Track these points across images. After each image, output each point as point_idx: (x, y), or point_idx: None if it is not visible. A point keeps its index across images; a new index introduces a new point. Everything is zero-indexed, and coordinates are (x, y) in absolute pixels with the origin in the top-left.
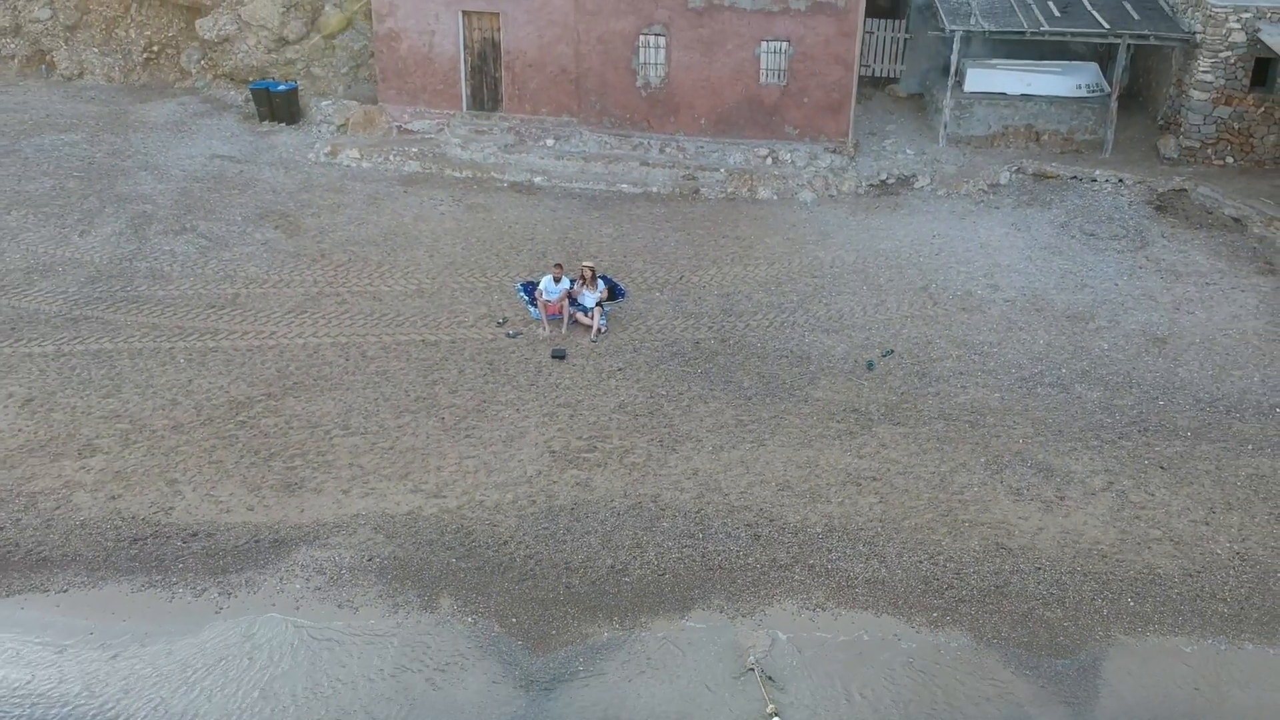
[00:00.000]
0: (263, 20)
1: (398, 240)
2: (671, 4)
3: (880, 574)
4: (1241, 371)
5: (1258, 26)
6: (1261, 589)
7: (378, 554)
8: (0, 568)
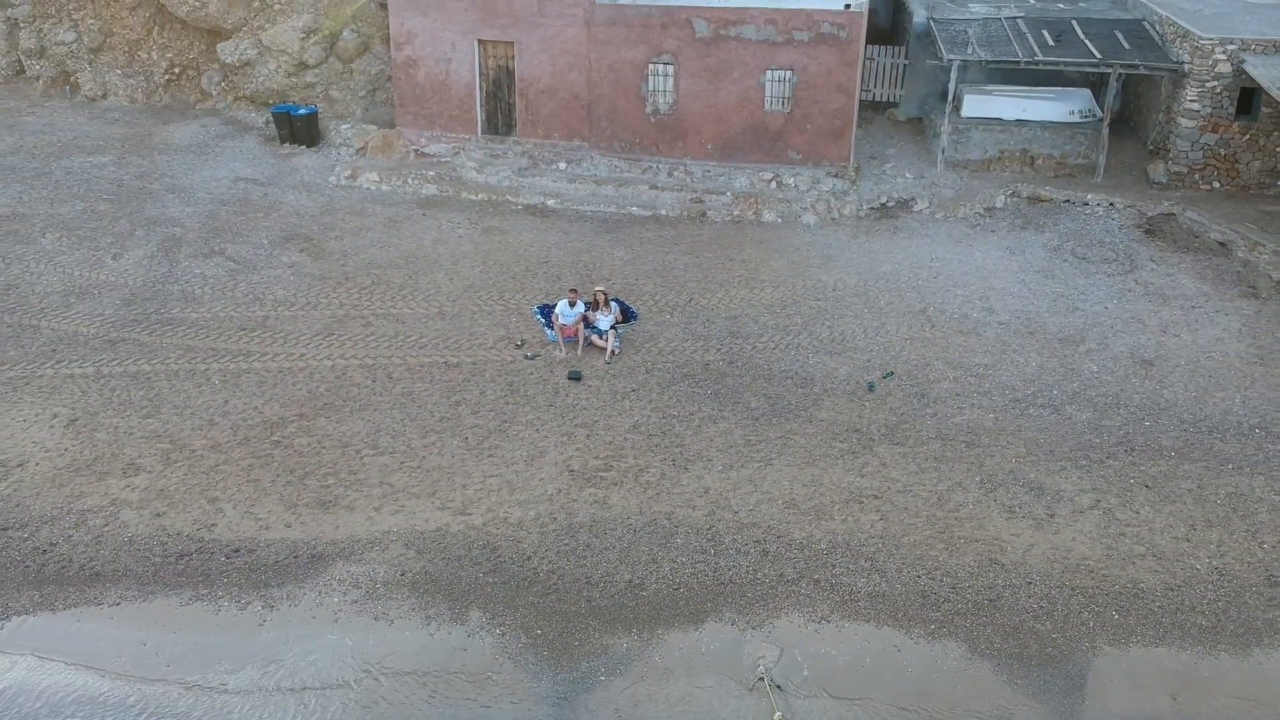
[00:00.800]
0: (283, 45)
1: (418, 263)
2: (680, 34)
3: (881, 588)
4: (1224, 393)
5: (1242, 58)
6: (1237, 603)
7: (410, 569)
8: (56, 582)
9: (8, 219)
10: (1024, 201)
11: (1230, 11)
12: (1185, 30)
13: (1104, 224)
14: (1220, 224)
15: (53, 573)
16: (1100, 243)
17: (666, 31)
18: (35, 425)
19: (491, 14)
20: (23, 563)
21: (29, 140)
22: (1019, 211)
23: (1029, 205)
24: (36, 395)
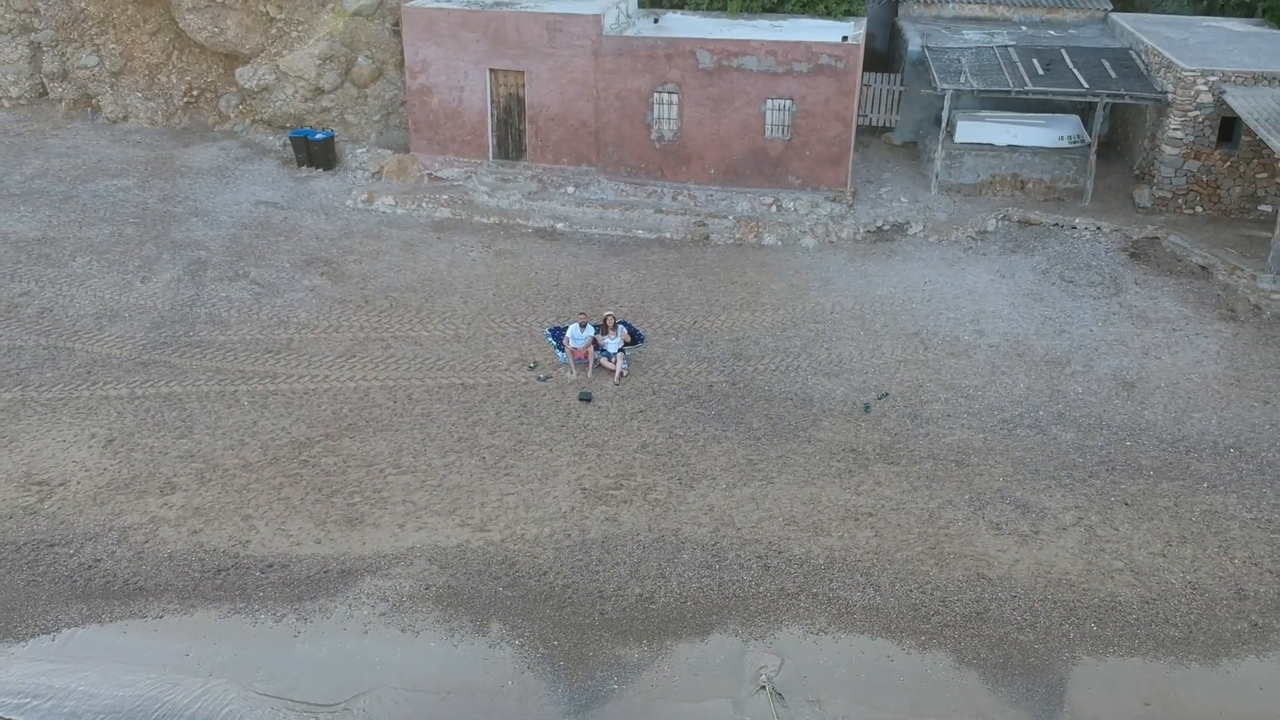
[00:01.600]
0: (300, 71)
1: (434, 287)
2: (683, 65)
3: (875, 601)
4: (1201, 414)
5: (1223, 89)
6: (1208, 615)
7: (433, 583)
8: (102, 596)
9: (39, 243)
10: (1014, 225)
11: (1213, 41)
12: (1169, 61)
13: (1091, 247)
14: (1202, 248)
15: (99, 587)
16: (1087, 266)
17: (671, 62)
18: (75, 445)
19: (503, 45)
20: (70, 578)
21: (55, 163)
22: (1009, 235)
23: (1019, 229)
24: (75, 416)
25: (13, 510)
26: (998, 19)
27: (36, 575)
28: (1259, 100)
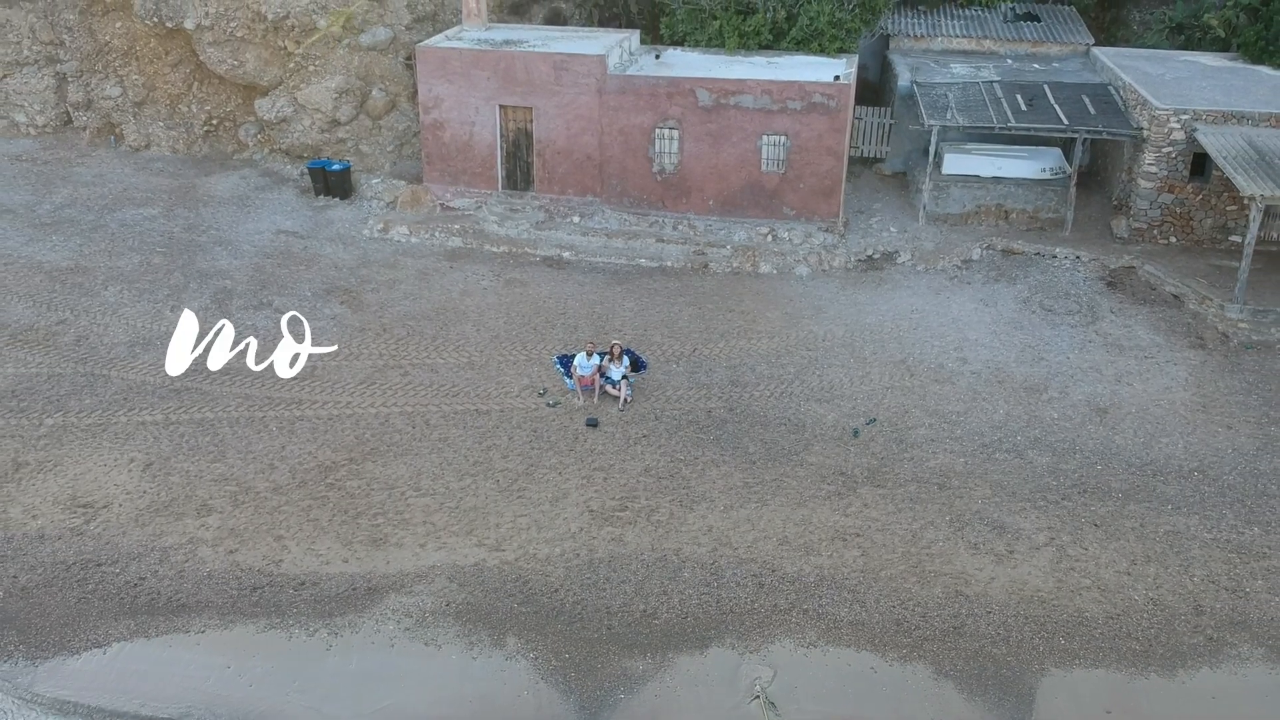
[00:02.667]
0: (317, 104)
1: (448, 315)
2: (684, 102)
3: (861, 617)
4: (1169, 439)
5: (1195, 127)
6: (1168, 629)
7: (453, 600)
8: (147, 613)
9: (72, 272)
10: (998, 254)
11: (1188, 77)
12: (1145, 99)
13: (1070, 276)
14: (1174, 278)
15: (144, 604)
16: (1066, 295)
17: (672, 100)
18: (116, 469)
19: (512, 82)
20: (117, 595)
21: (83, 192)
22: (993, 264)
23: (1003, 258)
24: (114, 441)
25: (61, 531)
26: (985, 52)
27: (87, 593)
28: (1228, 139)
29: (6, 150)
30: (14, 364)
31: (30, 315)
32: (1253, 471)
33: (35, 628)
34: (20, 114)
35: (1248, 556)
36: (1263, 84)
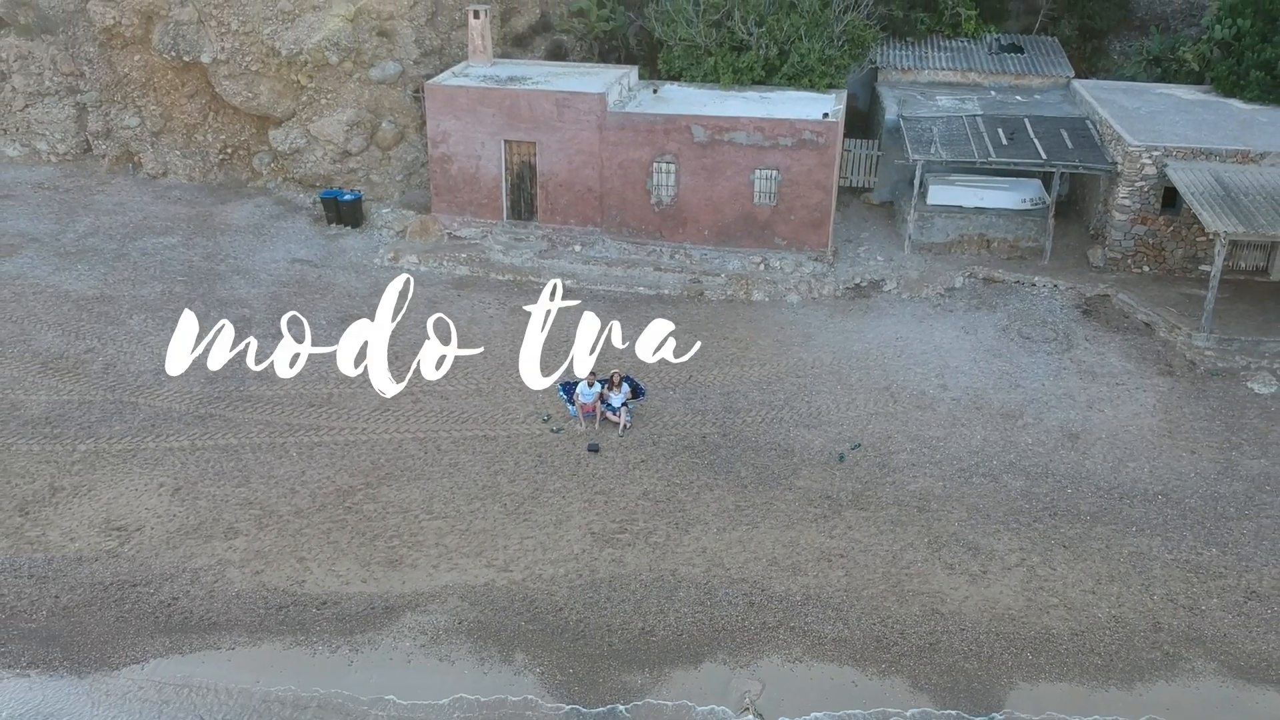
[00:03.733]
0: (329, 136)
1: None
2: (680, 138)
3: (844, 634)
4: (1136, 463)
5: (1166, 163)
6: (1128, 645)
7: (465, 618)
8: (181, 631)
9: (98, 301)
10: (980, 282)
11: (1162, 110)
12: (1119, 135)
13: (1048, 304)
14: (1146, 306)
15: (178, 623)
16: (1043, 322)
17: (669, 136)
18: (146, 493)
19: (516, 118)
20: (152, 614)
21: (104, 220)
22: (975, 292)
23: (984, 286)
24: (143, 466)
25: (97, 554)
26: (969, 84)
27: (124, 612)
28: (1196, 174)
29: (29, 177)
30: (47, 391)
31: (60, 344)
32: (1213, 494)
33: (78, 645)
34: (42, 142)
35: (1205, 576)
36: (1233, 118)
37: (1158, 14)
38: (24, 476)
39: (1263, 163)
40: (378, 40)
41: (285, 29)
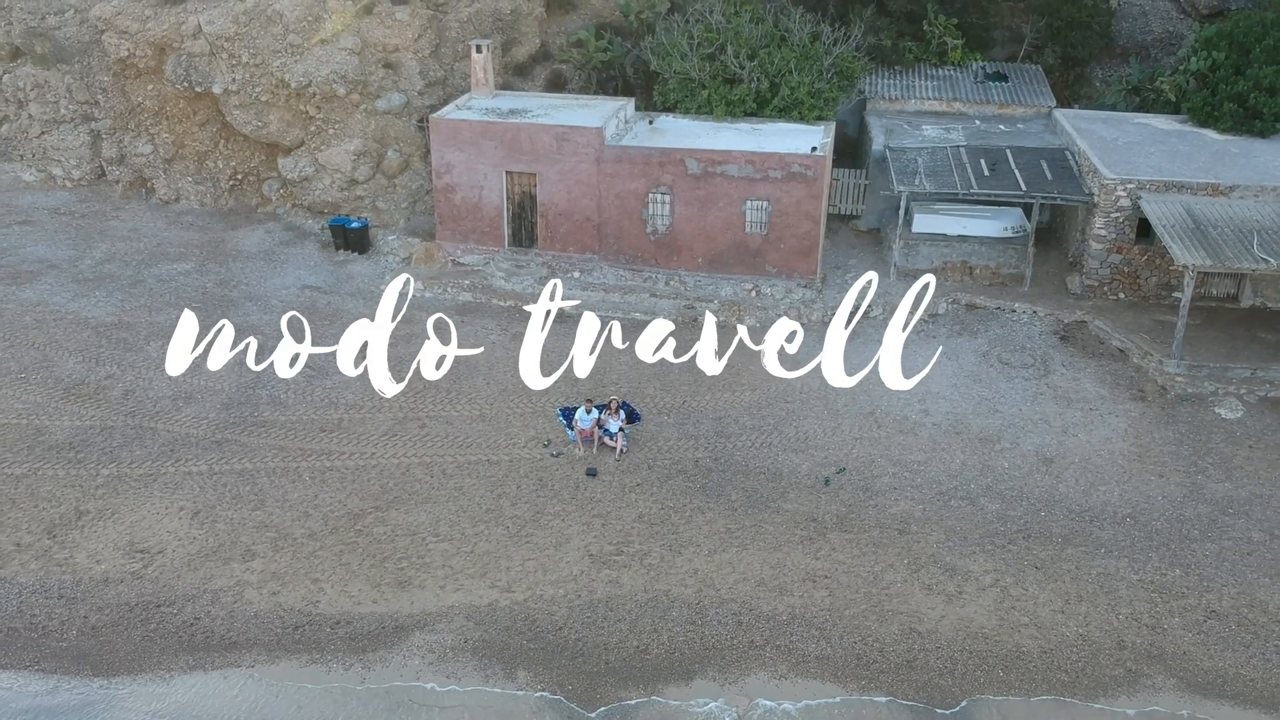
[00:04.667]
0: (337, 165)
1: (460, 369)
2: (675, 171)
3: (826, 651)
4: (1106, 487)
5: (1140, 195)
6: (1093, 662)
7: (471, 637)
8: (204, 649)
9: (116, 327)
10: (962, 308)
11: (1139, 141)
12: (1095, 167)
13: (1027, 330)
14: (1121, 333)
15: (200, 641)
16: (1022, 348)
17: (664, 168)
18: (167, 517)
19: (517, 151)
20: (176, 633)
21: (120, 247)
22: (957, 318)
23: (966, 312)
24: (163, 490)
25: (123, 575)
26: (955, 114)
27: (149, 631)
28: (1168, 206)
29: (45, 202)
30: (69, 417)
31: (81, 370)
32: (1179, 517)
33: (107, 663)
34: (58, 168)
35: (1168, 596)
36: (1206, 149)
37: (1139, 42)
38: (51, 500)
39: (1231, 195)
40: (383, 72)
41: (294, 62)
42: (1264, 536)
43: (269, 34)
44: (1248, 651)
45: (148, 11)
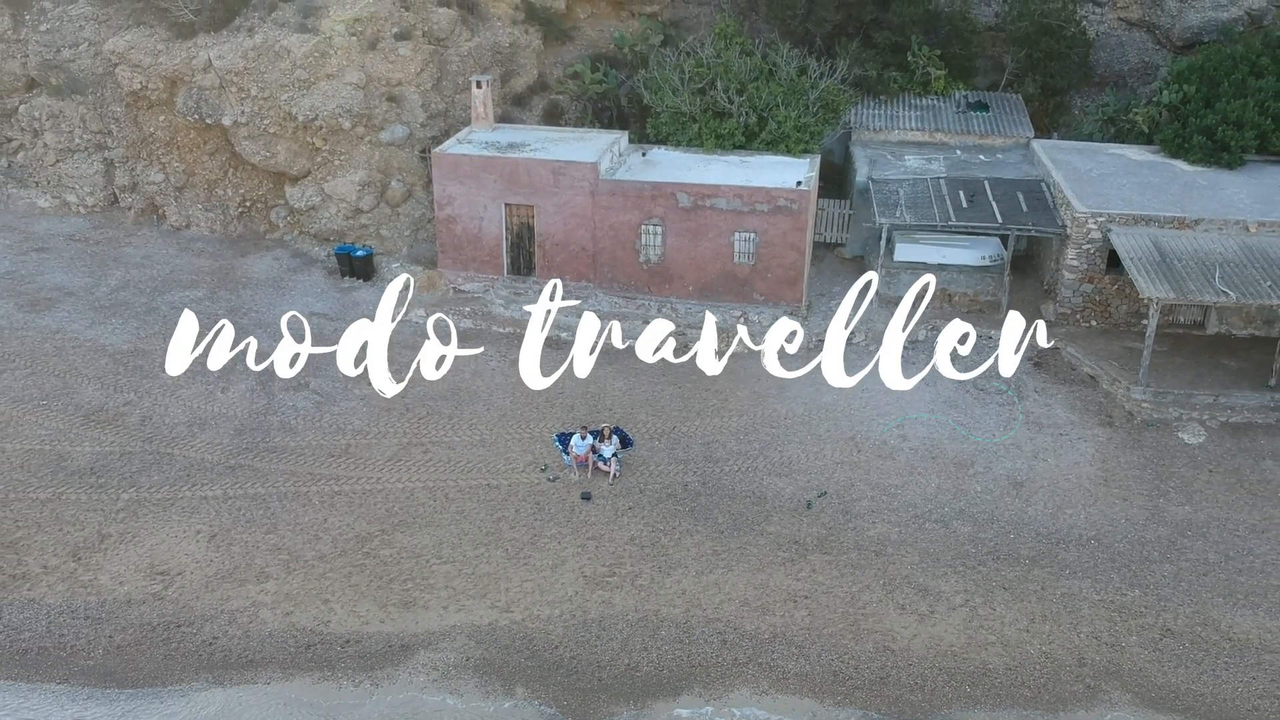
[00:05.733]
0: (342, 195)
1: (461, 395)
2: (666, 203)
3: (805, 669)
4: (1073, 510)
5: (1110, 228)
6: (1055, 678)
7: (472, 655)
8: (223, 666)
9: (132, 354)
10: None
11: (1111, 173)
12: (1068, 200)
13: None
14: (1092, 359)
15: (219, 659)
16: (997, 375)
17: (656, 201)
18: (185, 540)
19: (516, 184)
20: (197, 652)
21: (134, 274)
22: (936, 344)
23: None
24: (181, 514)
25: (145, 596)
26: (936, 144)
27: (170, 650)
28: (1136, 239)
29: (60, 229)
30: (90, 443)
31: (100, 397)
32: (1140, 540)
33: (131, 680)
34: (72, 195)
35: (1127, 615)
36: (1176, 180)
37: (1116, 72)
38: (74, 524)
39: (1196, 229)
40: (387, 105)
41: (301, 96)
42: (1219, 558)
43: (276, 69)
44: (1199, 668)
45: (160, 46)
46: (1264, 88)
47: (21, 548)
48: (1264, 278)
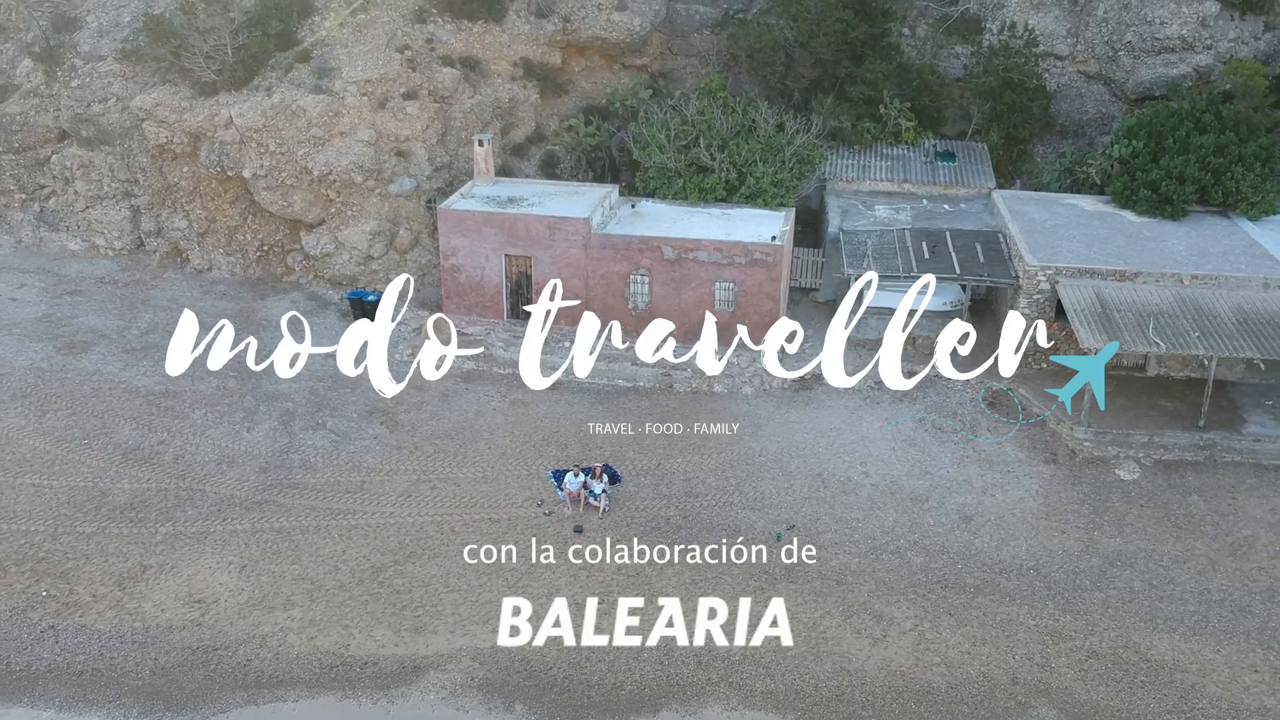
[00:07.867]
0: (354, 243)
1: (465, 434)
2: (652, 255)
3: (770, 687)
4: (1016, 542)
5: (1058, 280)
6: (990, 695)
7: (476, 676)
8: (255, 686)
9: (163, 396)
10: (904, 376)
11: (1064, 224)
12: (1020, 253)
13: (959, 397)
14: (1040, 400)
15: (252, 680)
16: (954, 414)
17: (643, 253)
18: (218, 570)
19: (515, 237)
20: (232, 674)
21: (162, 317)
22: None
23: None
24: (214, 547)
25: (184, 623)
26: (905, 194)
27: (209, 672)
28: (1081, 291)
29: (90, 271)
30: (129, 480)
31: (136, 436)
32: (1074, 569)
33: (175, 699)
34: (100, 239)
35: (1058, 639)
36: (1122, 231)
37: (1076, 121)
38: (118, 556)
39: (1136, 280)
40: (395, 160)
41: (316, 151)
42: (1144, 586)
43: (293, 126)
44: (1118, 686)
45: (184, 104)
46: (1205, 144)
47: (72, 577)
48: (1194, 328)
